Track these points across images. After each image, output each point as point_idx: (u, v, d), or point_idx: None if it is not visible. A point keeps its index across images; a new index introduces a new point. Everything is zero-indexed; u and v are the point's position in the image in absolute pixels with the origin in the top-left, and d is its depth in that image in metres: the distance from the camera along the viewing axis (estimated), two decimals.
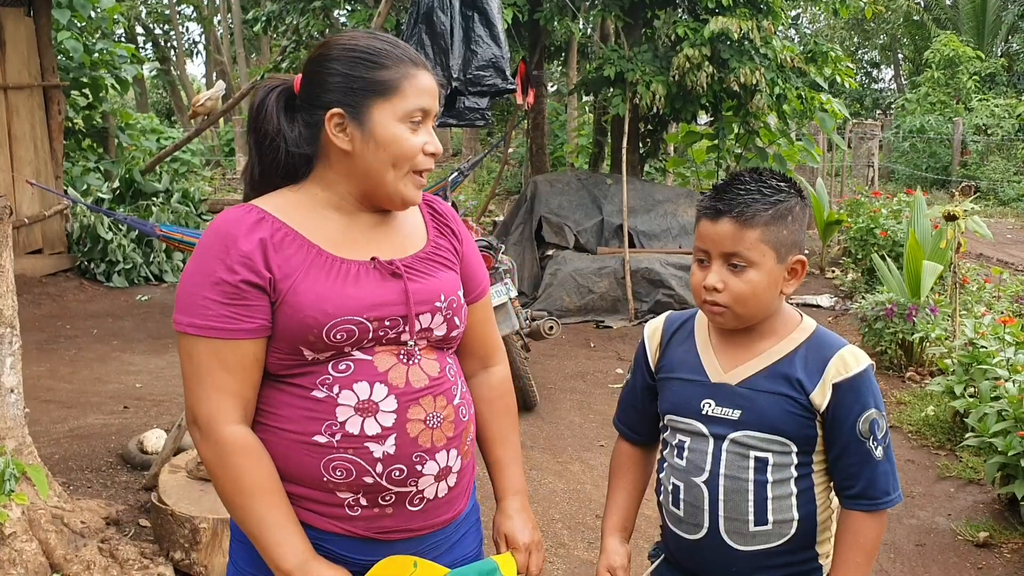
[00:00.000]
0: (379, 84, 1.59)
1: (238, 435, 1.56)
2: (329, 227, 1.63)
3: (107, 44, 10.62)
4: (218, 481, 1.57)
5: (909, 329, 6.06)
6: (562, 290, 8.07)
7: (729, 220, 1.63)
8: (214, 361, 1.54)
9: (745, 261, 1.64)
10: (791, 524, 1.68)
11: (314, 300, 1.55)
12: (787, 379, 1.67)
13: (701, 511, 1.71)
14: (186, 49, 29.02)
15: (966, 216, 5.65)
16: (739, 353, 1.72)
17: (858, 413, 1.65)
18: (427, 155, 1.63)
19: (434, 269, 1.69)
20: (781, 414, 1.66)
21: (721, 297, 1.65)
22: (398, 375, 1.60)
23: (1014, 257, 11.01)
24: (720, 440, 1.69)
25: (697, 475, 1.71)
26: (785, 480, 1.68)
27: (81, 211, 9.16)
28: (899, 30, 27.33)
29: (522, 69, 8.45)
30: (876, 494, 1.68)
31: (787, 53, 8.64)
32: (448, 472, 1.67)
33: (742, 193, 1.64)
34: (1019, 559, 3.74)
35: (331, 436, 1.57)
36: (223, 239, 1.55)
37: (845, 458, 1.67)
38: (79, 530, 3.23)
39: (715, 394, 1.71)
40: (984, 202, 16.59)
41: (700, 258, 1.69)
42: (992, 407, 4.19)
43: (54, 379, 6.00)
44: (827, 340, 1.71)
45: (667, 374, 1.80)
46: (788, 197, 1.66)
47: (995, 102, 20.14)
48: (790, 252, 1.67)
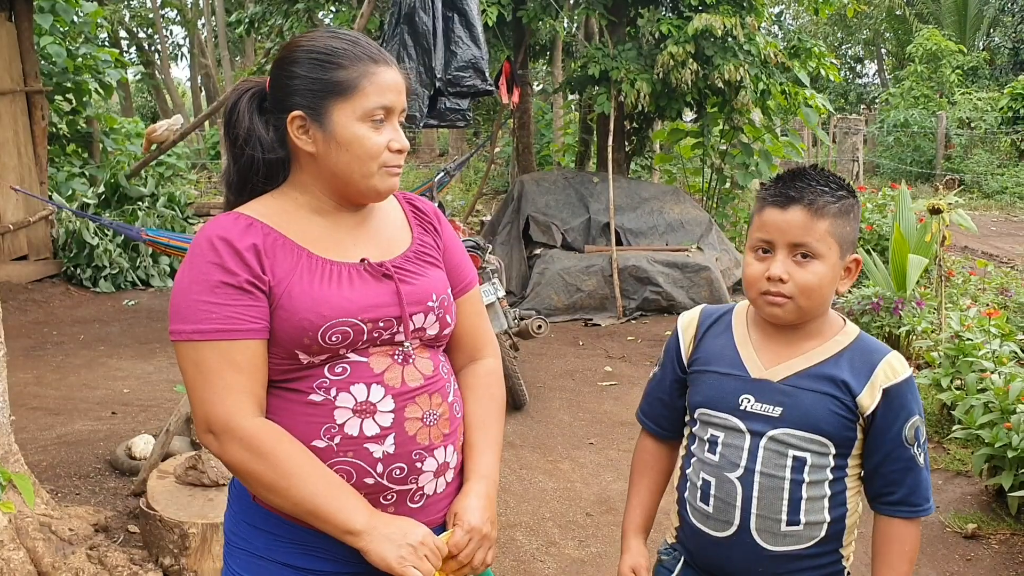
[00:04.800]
0: (337, 84, 1.59)
1: (262, 424, 1.54)
2: (314, 230, 1.63)
3: (90, 48, 10.55)
4: (255, 474, 1.52)
5: (895, 323, 6.09)
6: (550, 289, 8.08)
7: (801, 208, 1.61)
8: (223, 364, 1.52)
9: (813, 252, 1.61)
10: (821, 526, 1.66)
11: (309, 303, 1.54)
12: (832, 380, 1.64)
13: (733, 507, 1.67)
14: (170, 53, 28.91)
15: (950, 209, 5.68)
16: (781, 350, 1.70)
17: (905, 419, 1.64)
18: (393, 152, 1.62)
19: (423, 268, 1.70)
20: (825, 414, 1.63)
21: (786, 288, 1.62)
22: (394, 375, 1.61)
23: (998, 249, 11.08)
24: (758, 437, 1.66)
25: (731, 471, 1.68)
26: (820, 481, 1.65)
27: (66, 216, 9.11)
28: (882, 25, 27.49)
29: (507, 68, 8.46)
30: (918, 501, 1.66)
31: (770, 49, 8.68)
32: (446, 467, 1.68)
33: (812, 184, 1.63)
34: (1007, 550, 3.76)
35: (330, 440, 1.56)
36: (217, 245, 1.54)
37: (888, 464, 1.65)
38: (67, 537, 3.21)
39: (755, 390, 1.68)
40: (968, 195, 16.70)
41: (762, 248, 1.66)
42: (978, 399, 4.21)
43: (41, 386, 5.97)
44: (873, 345, 1.70)
45: (702, 367, 1.77)
46: (849, 195, 1.66)
47: (978, 95, 20.28)
48: (850, 250, 1.66)
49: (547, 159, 16.17)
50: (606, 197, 8.48)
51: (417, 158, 22.01)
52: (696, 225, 8.87)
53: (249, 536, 1.64)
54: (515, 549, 3.77)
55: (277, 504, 1.55)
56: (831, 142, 15.40)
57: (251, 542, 1.64)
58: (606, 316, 7.99)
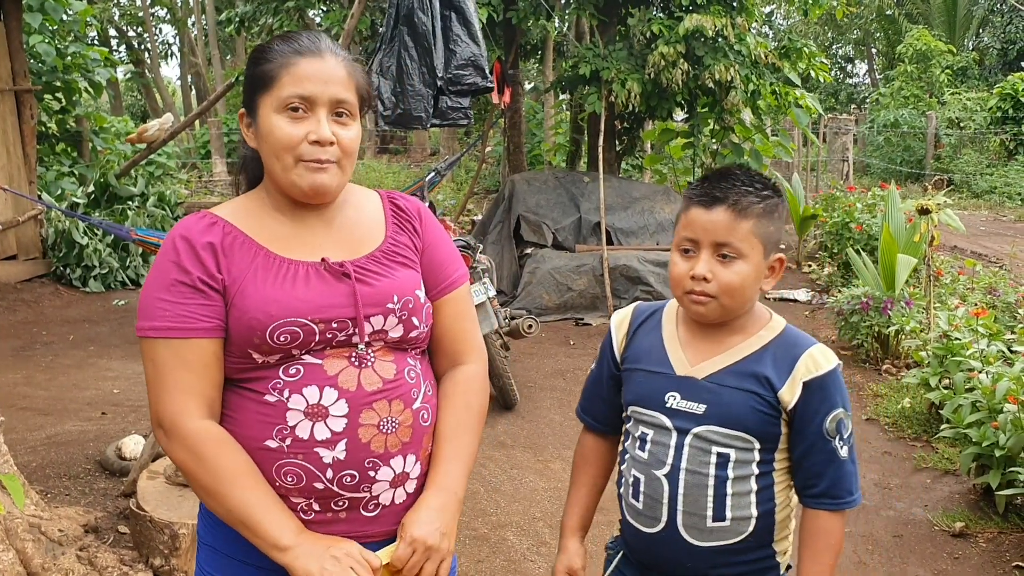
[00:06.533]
0: (260, 77, 1.61)
1: (205, 427, 1.55)
2: (279, 229, 1.63)
3: (80, 47, 10.51)
4: (194, 476, 1.54)
5: (885, 322, 6.11)
6: (541, 288, 8.09)
7: (725, 209, 1.63)
8: (174, 361, 1.54)
9: (736, 252, 1.63)
10: (749, 522, 1.67)
11: (259, 302, 1.54)
12: (755, 376, 1.66)
13: (660, 504, 1.69)
14: (160, 51, 28.83)
15: (939, 210, 5.71)
16: (707, 347, 1.71)
17: (826, 412, 1.65)
18: (312, 144, 1.57)
19: (388, 269, 1.66)
20: (747, 410, 1.65)
21: (710, 287, 1.64)
22: (349, 379, 1.57)
23: (987, 249, 11.13)
24: (683, 434, 1.68)
25: (658, 468, 1.69)
26: (746, 477, 1.66)
27: (56, 216, 9.08)
28: (872, 25, 27.58)
29: (497, 68, 8.45)
30: (840, 493, 1.67)
31: (761, 49, 8.70)
32: (405, 478, 1.63)
33: (737, 184, 1.64)
34: (994, 548, 3.78)
35: (282, 441, 1.55)
36: (177, 243, 1.57)
37: (810, 456, 1.66)
38: (57, 538, 3.20)
39: (680, 387, 1.69)
40: (957, 195, 16.78)
41: (686, 247, 1.68)
42: (966, 398, 4.24)
43: (30, 386, 5.95)
44: (797, 338, 1.71)
45: (632, 365, 1.79)
46: (774, 195, 1.68)
47: (967, 95, 20.38)
48: (774, 249, 1.68)
49: (538, 158, 16.18)
50: (597, 197, 8.49)
51: (408, 157, 22.00)
52: None
53: (213, 531, 1.65)
54: (506, 549, 3.78)
55: (212, 508, 1.56)
56: (821, 142, 15.43)
57: (215, 537, 1.65)
58: (597, 315, 8.00)
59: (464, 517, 3.94)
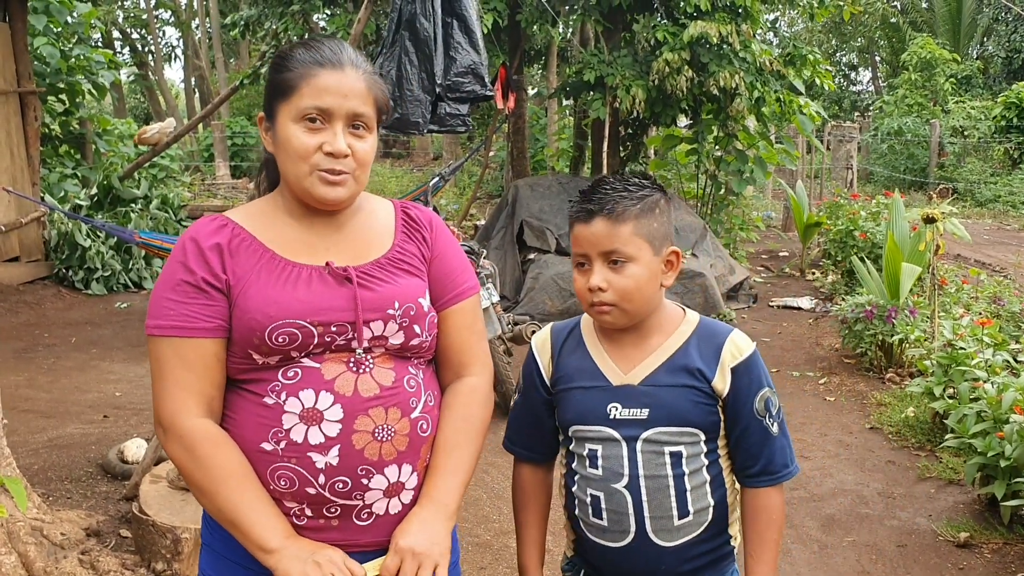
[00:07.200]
0: (279, 85, 1.62)
1: (202, 426, 1.56)
2: (288, 233, 1.65)
3: (84, 49, 10.52)
4: (189, 474, 1.56)
5: (889, 331, 6.10)
6: (544, 294, 8.08)
7: (601, 219, 1.67)
8: (175, 359, 1.56)
9: (623, 256, 1.67)
10: (708, 511, 1.72)
11: (259, 303, 1.55)
12: (687, 370, 1.70)
13: (626, 516, 1.71)
14: (164, 54, 28.88)
15: (944, 218, 5.70)
16: (633, 353, 1.74)
17: (754, 393, 1.71)
18: (327, 155, 1.58)
19: (392, 275, 1.65)
20: (688, 405, 1.69)
21: (607, 296, 1.67)
22: (345, 384, 1.58)
23: (991, 258, 11.11)
24: (633, 441, 1.70)
25: (616, 481, 1.71)
26: (699, 469, 1.71)
27: (59, 218, 9.08)
28: (876, 32, 27.58)
29: (502, 74, 8.46)
30: (776, 468, 1.73)
31: (765, 56, 8.70)
32: (400, 488, 1.63)
33: (609, 192, 1.68)
34: (999, 559, 3.77)
35: (276, 444, 1.56)
36: (186, 245, 1.60)
37: (746, 438, 1.72)
38: (59, 542, 3.20)
39: (619, 397, 1.72)
40: (961, 203, 16.76)
41: (580, 262, 1.72)
42: (971, 408, 4.22)
43: (32, 388, 5.95)
44: (715, 327, 1.76)
45: (566, 384, 1.79)
46: (652, 192, 1.71)
47: (971, 104, 20.36)
48: (664, 244, 1.71)
49: (541, 164, 16.18)
50: None
51: (411, 162, 22.01)
52: (691, 231, 8.88)
53: (214, 533, 1.66)
54: (508, 556, 3.76)
55: (204, 506, 1.59)
56: (825, 149, 15.43)
57: (215, 539, 1.66)
58: None
59: (467, 524, 3.92)
